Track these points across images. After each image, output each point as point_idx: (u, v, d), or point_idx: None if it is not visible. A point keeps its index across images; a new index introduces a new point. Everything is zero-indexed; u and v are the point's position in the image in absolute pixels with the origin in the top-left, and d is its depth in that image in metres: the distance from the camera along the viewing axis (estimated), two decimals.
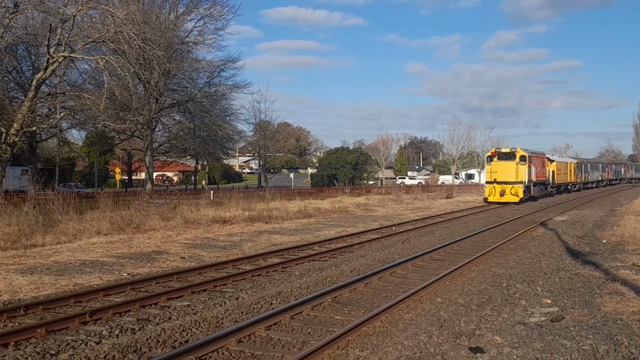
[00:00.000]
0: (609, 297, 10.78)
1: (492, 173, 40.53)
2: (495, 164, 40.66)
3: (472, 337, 8.36)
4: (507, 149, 41.61)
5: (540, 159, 45.23)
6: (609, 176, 78.18)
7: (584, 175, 62.48)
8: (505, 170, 39.76)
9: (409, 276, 13.20)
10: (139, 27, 30.07)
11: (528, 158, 40.61)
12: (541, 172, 44.58)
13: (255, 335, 8.38)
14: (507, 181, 39.58)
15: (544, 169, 45.53)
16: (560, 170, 51.86)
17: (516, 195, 39.18)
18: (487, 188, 40.99)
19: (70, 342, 8.01)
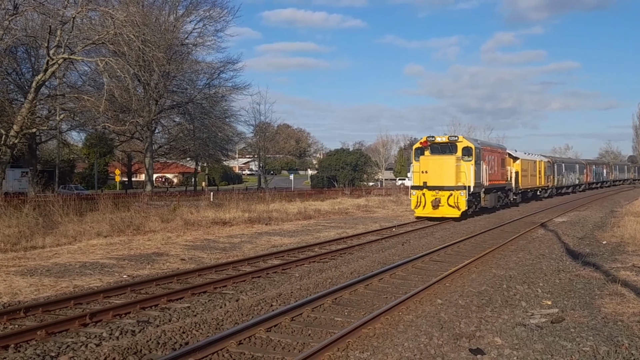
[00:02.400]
0: (609, 299, 10.78)
1: (421, 174, 27.99)
2: (425, 160, 28.16)
3: (473, 338, 8.35)
4: (443, 137, 29.17)
5: (498, 155, 34.02)
6: (588, 179, 66.77)
7: (557, 178, 51.94)
8: (441, 169, 27.52)
9: (409, 277, 13.19)
10: (138, 28, 30.06)
11: (476, 152, 28.64)
12: (499, 173, 33.60)
13: (256, 337, 8.37)
14: (443, 186, 27.16)
15: (503, 169, 34.73)
16: (526, 172, 41.13)
17: (455, 206, 26.96)
18: (414, 196, 28.02)
19: (70, 344, 8.00)
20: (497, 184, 33.46)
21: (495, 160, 32.92)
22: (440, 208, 27.21)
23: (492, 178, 31.79)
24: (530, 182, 42.87)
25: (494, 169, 32.39)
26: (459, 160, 27.89)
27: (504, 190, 35.62)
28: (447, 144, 28.75)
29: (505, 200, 35.98)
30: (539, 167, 45.77)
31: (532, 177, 43.19)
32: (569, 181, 56.85)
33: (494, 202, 32.46)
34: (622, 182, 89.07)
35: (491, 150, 32.65)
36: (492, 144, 36.90)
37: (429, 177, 27.55)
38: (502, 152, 35.80)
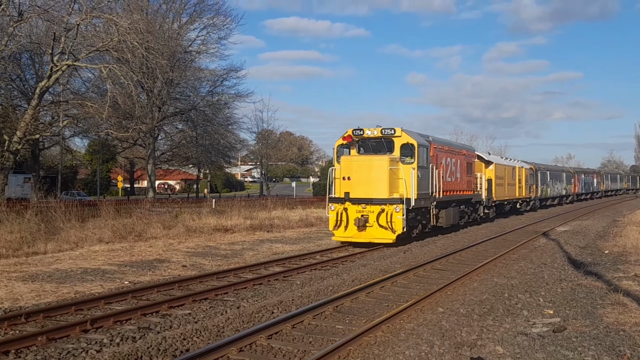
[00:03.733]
0: (611, 308, 10.74)
1: (342, 181, 20.35)
2: (348, 163, 20.47)
3: (474, 347, 8.33)
4: (375, 130, 21.08)
5: (462, 157, 27.00)
6: (576, 189, 59.87)
7: (541, 188, 45.97)
8: (369, 174, 20.01)
9: (410, 286, 13.17)
10: (142, 36, 30.16)
11: (421, 151, 21.07)
12: (463, 180, 26.78)
13: (257, 345, 8.36)
14: (372, 198, 19.77)
15: (470, 176, 28.07)
16: (502, 179, 34.50)
17: (388, 227, 19.47)
18: (333, 212, 20.29)
19: (71, 350, 7.99)
20: (459, 196, 26.08)
21: (458, 165, 26.02)
22: (368, 229, 19.55)
23: (450, 187, 24.76)
24: (508, 192, 36.35)
25: (455, 176, 25.52)
26: (395, 163, 20.15)
27: (470, 203, 28.30)
28: (380, 139, 20.99)
29: (473, 215, 29.16)
30: (519, 175, 39.21)
31: (510, 187, 36.68)
32: (554, 192, 51.17)
33: (453, 219, 24.80)
34: (614, 193, 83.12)
35: (450, 151, 25.37)
36: (452, 142, 29.28)
37: (353, 186, 19.76)
38: (469, 154, 28.56)
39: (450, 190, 24.91)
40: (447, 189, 24.39)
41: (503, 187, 35.09)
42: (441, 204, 23.58)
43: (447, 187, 24.33)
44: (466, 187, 27.41)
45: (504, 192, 35.56)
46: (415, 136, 21.32)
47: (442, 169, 23.70)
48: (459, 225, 27.01)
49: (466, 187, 27.41)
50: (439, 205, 23.39)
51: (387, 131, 20.87)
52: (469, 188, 28.01)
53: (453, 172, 25.51)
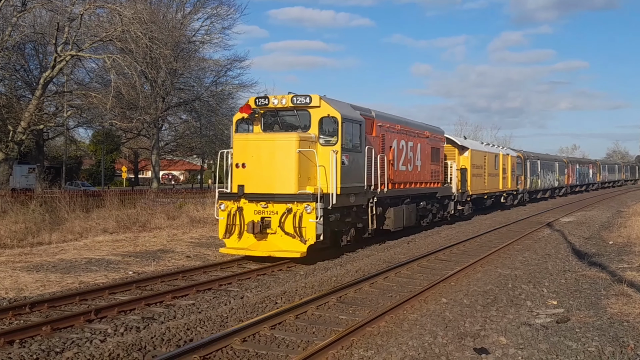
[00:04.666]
0: (615, 299, 10.73)
1: (235, 169, 15.12)
2: (243, 144, 15.09)
3: (477, 337, 8.33)
4: (284, 98, 15.62)
5: (423, 140, 21.88)
6: (569, 180, 54.76)
7: (530, 179, 41.08)
8: (271, 159, 14.70)
9: (414, 276, 13.17)
10: (146, 26, 30.13)
11: (347, 127, 15.70)
12: (424, 169, 21.83)
13: (260, 335, 8.38)
14: (274, 193, 14.54)
15: (435, 165, 23.14)
16: (480, 169, 29.22)
17: (297, 234, 14.12)
18: (223, 213, 15.01)
19: (75, 340, 8.02)
20: (419, 189, 21.16)
21: (418, 150, 21.12)
22: (270, 238, 14.25)
23: (404, 178, 19.84)
24: (490, 184, 30.88)
25: (412, 164, 20.60)
26: (308, 143, 14.75)
27: (435, 199, 23.14)
28: (292, 111, 15.61)
29: (440, 213, 24.16)
30: (504, 164, 34.10)
31: (491, 178, 31.34)
32: (545, 183, 46.14)
33: (407, 219, 19.66)
34: (612, 185, 77.31)
35: (405, 132, 20.06)
36: (410, 121, 21.83)
37: (250, 176, 14.46)
38: (435, 136, 23.51)
39: (405, 182, 19.92)
40: (400, 181, 19.41)
41: (482, 178, 29.55)
42: (388, 201, 18.36)
43: (399, 178, 19.29)
44: (430, 178, 22.43)
45: (483, 183, 29.86)
46: (341, 107, 15.70)
47: (393, 154, 18.69)
48: (421, 227, 22.41)
49: (430, 179, 22.43)
50: (385, 201, 18.11)
51: (300, 99, 15.26)
52: (435, 179, 23.01)
53: (410, 159, 20.37)
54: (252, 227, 14.26)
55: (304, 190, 14.37)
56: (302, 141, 14.65)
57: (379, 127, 18.02)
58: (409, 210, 20.08)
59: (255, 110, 15.79)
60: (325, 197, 14.48)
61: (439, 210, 24.07)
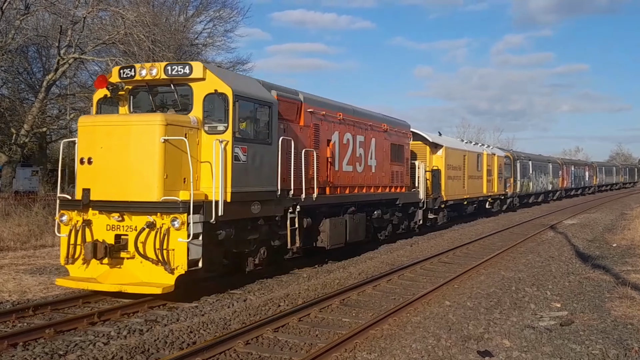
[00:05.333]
0: (619, 301, 10.70)
1: (81, 167, 10.57)
2: (90, 129, 10.63)
3: (481, 340, 8.31)
4: (154, 67, 11.00)
5: (380, 135, 18.30)
6: (564, 183, 51.27)
7: (520, 182, 37.37)
8: (124, 151, 10.26)
9: (417, 279, 13.15)
10: (148, 29, 30.14)
11: (243, 108, 11.24)
12: (383, 170, 18.37)
13: (263, 337, 8.37)
14: (130, 201, 10.21)
15: (398, 165, 19.60)
16: (458, 170, 25.56)
17: (161, 259, 9.89)
18: (66, 228, 10.60)
19: (79, 342, 8.02)
20: (370, 195, 17.24)
21: (372, 146, 17.43)
22: (126, 264, 10.40)
23: (347, 181, 15.95)
24: (471, 188, 27.07)
25: (361, 163, 16.69)
26: (181, 129, 10.67)
27: (395, 206, 19.00)
28: (167, 86, 11.39)
29: (406, 223, 20.20)
30: (489, 165, 30.31)
31: (473, 181, 27.58)
32: (538, 186, 42.32)
33: (350, 234, 15.49)
34: (609, 188, 73.42)
35: (347, 122, 16.00)
36: (359, 110, 17.44)
37: (98, 176, 10.53)
38: (397, 131, 19.51)
39: (351, 185, 16.11)
40: (343, 184, 15.70)
41: (461, 181, 25.81)
42: (323, 210, 14.51)
43: (342, 181, 15.62)
44: (390, 181, 18.69)
45: (462, 187, 26.07)
46: (236, 81, 11.62)
47: (332, 151, 15.00)
48: (378, 241, 18.45)
49: (390, 182, 18.69)
50: (317, 211, 14.21)
51: (177, 69, 10.99)
52: (397, 183, 19.29)
53: (360, 158, 16.62)
54: (91, 250, 10.01)
55: (171, 196, 10.13)
56: (170, 126, 10.26)
57: (310, 114, 14.03)
58: (354, 222, 15.73)
59: (119, 86, 11.31)
60: (206, 207, 10.41)
61: (402, 220, 19.83)
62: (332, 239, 14.61)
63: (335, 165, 15.40)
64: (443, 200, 23.32)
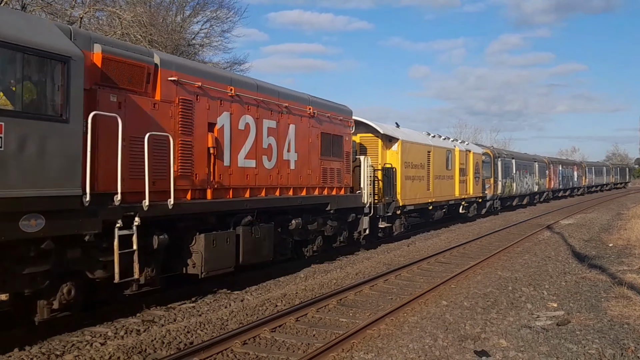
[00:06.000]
0: (615, 301, 10.73)
1: None
2: None
3: (478, 340, 8.33)
4: None
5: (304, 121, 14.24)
6: (551, 184, 47.99)
7: (502, 183, 33.63)
8: None
9: (414, 279, 13.17)
10: (145, 29, 30.15)
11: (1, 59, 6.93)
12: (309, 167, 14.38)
13: (260, 337, 8.38)
14: None
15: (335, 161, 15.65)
16: (419, 169, 21.53)
17: None
18: None
19: (76, 342, 8.01)
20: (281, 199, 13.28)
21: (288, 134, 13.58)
22: None
23: (243, 180, 12.00)
24: (438, 190, 23.16)
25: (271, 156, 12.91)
26: None
27: (329, 215, 15.21)
28: None
29: (345, 234, 16.25)
30: (462, 163, 26.42)
31: (440, 181, 23.55)
32: (523, 187, 38.83)
33: (246, 254, 11.65)
34: (599, 189, 70.32)
35: (246, 101, 12.17)
36: (258, 83, 12.90)
37: None
38: (328, 116, 15.38)
39: (248, 186, 12.07)
40: (235, 184, 11.70)
41: (424, 182, 21.90)
42: (192, 221, 10.64)
43: (231, 180, 11.59)
44: (320, 180, 14.74)
45: (426, 189, 22.16)
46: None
47: (215, 138, 11.13)
48: (304, 258, 14.78)
49: (320, 181, 14.75)
50: (180, 224, 10.42)
51: None
52: (331, 183, 15.29)
53: (267, 150, 12.64)
54: None
55: None
56: None
57: (174, 85, 10.22)
58: (254, 237, 11.69)
59: None
60: None
61: (339, 230, 15.81)
62: (211, 263, 10.49)
63: (225, 158, 11.40)
64: (399, 205, 19.42)
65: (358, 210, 16.75)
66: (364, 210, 17.01)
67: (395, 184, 19.25)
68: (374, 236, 18.46)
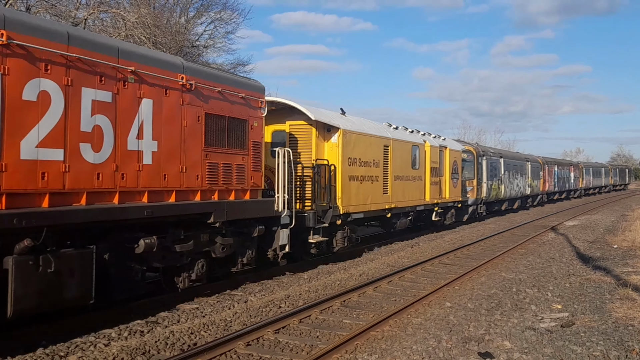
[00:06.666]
0: (620, 303, 10.69)
1: None
2: None
3: (482, 342, 8.31)
4: None
5: (164, 94, 9.84)
6: (546, 186, 44.38)
7: (488, 185, 30.11)
8: None
9: (418, 280, 13.15)
10: (149, 30, 30.24)
11: None
12: (189, 163, 10.32)
13: (264, 339, 8.38)
14: None
15: (234, 155, 11.52)
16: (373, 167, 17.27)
17: None
18: None
19: (80, 344, 8.02)
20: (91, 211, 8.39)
21: (142, 110, 9.49)
22: None
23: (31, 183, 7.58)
24: (398, 193, 18.88)
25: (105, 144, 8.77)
26: None
27: (219, 230, 11.10)
28: None
29: (250, 254, 12.25)
30: (434, 161, 22.22)
31: (403, 183, 19.29)
32: (513, 190, 35.10)
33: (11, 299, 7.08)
34: (597, 191, 67.08)
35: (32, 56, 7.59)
36: (76, 34, 8.58)
37: None
38: (218, 90, 11.16)
39: (32, 190, 7.69)
40: (7, 187, 7.33)
41: (377, 184, 17.47)
42: None
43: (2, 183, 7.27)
44: (202, 181, 10.77)
45: (381, 192, 17.74)
46: None
47: None
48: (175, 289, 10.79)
49: (203, 182, 10.80)
50: None
51: None
52: (226, 184, 11.35)
53: (89, 135, 8.56)
54: None
55: None
56: None
57: None
58: (34, 273, 7.45)
59: None
60: None
61: (243, 249, 11.99)
62: None
63: None
64: (339, 212, 15.32)
65: (271, 221, 12.69)
66: (282, 221, 12.92)
67: (334, 185, 15.22)
68: (307, 254, 14.80)
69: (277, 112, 15.27)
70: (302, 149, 15.10)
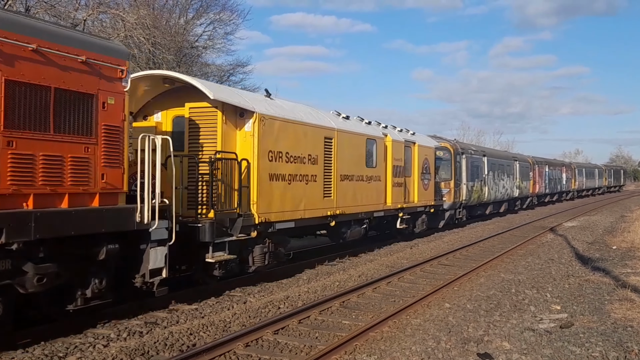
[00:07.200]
0: (619, 304, 10.70)
1: None
2: None
3: (481, 343, 8.31)
4: None
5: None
6: (536, 188, 41.58)
7: (468, 187, 26.88)
8: None
9: (417, 281, 13.15)
10: (149, 31, 30.24)
11: None
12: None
13: (263, 340, 8.37)
14: None
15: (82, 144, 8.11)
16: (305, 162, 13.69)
17: None
18: None
19: (78, 344, 8.01)
20: None
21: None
22: None
23: None
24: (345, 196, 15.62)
25: None
26: None
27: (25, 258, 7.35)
28: None
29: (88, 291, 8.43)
30: (398, 160, 18.94)
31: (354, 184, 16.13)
32: (498, 192, 31.87)
33: None
34: (591, 193, 64.29)
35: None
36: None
37: None
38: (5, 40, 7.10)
39: None
40: None
41: (315, 185, 14.29)
42: None
43: None
44: (2, 180, 7.13)
45: (320, 196, 14.57)
46: None
47: None
48: None
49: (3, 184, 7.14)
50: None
51: None
52: (41, 184, 7.61)
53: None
54: None
55: None
56: None
57: None
58: None
59: None
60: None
61: (87, 276, 8.49)
62: None
63: None
64: (254, 222, 11.94)
65: (137, 236, 9.16)
66: (154, 236, 9.30)
67: (247, 187, 11.81)
68: (210, 277, 11.35)
69: (178, 92, 12.04)
70: (204, 139, 11.66)
